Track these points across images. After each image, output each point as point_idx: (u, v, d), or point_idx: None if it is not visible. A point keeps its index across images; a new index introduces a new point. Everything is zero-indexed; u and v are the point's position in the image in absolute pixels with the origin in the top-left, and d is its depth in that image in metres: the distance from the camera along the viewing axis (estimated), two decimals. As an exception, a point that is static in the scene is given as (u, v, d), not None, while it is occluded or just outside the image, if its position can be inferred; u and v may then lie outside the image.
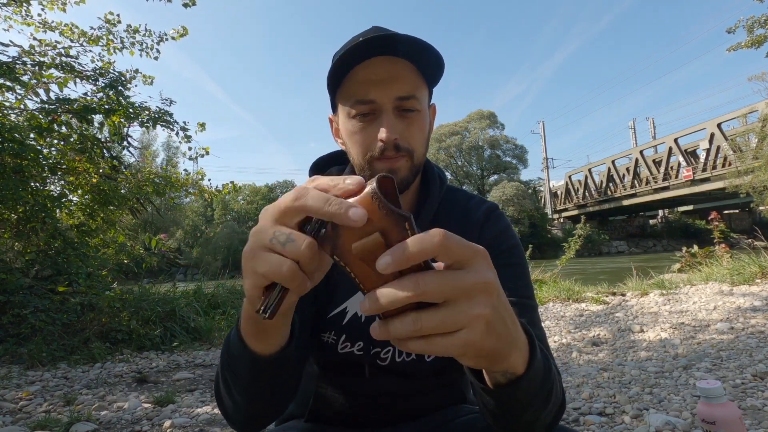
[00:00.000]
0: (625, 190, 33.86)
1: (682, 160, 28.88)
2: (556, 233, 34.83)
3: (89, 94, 4.40)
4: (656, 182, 30.61)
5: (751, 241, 5.98)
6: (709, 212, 7.14)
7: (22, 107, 4.09)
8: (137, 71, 4.80)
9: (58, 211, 4.34)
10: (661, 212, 39.61)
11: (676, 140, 28.96)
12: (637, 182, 32.93)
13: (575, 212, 37.94)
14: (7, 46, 4.03)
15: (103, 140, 4.67)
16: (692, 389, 2.01)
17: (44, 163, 4.09)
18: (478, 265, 0.34)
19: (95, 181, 4.49)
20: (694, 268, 5.48)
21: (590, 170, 38.27)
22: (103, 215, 4.77)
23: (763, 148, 16.78)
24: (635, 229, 37.69)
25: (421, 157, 0.71)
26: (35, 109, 4.04)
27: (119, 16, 4.63)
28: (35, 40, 4.40)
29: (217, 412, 2.13)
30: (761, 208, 20.35)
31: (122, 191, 4.74)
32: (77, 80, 4.35)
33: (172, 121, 4.68)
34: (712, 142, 25.83)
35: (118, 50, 4.74)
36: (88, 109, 4.11)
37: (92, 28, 4.62)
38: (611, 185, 35.47)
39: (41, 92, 3.95)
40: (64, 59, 4.36)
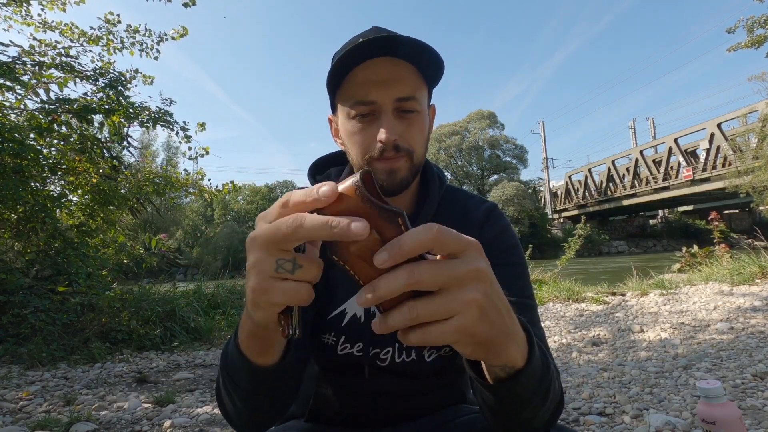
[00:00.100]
0: (625, 190, 33.85)
1: (682, 160, 28.88)
2: (556, 233, 34.83)
3: (89, 94, 4.40)
4: (656, 182, 30.61)
5: (751, 241, 5.98)
6: (709, 212, 7.14)
7: (22, 107, 4.09)
8: (137, 71, 4.80)
9: (58, 211, 4.34)
10: (661, 212, 39.61)
11: (676, 140, 28.96)
12: (637, 182, 32.93)
13: (575, 212, 37.94)
14: (7, 46, 4.03)
15: (103, 140, 4.66)
16: (692, 389, 2.01)
17: (44, 163, 4.09)
18: (470, 254, 0.35)
19: (95, 181, 4.49)
20: (694, 268, 5.48)
21: (590, 170, 38.27)
22: (103, 215, 4.77)
23: (763, 148, 16.78)
24: (635, 229, 37.70)
25: (420, 157, 0.71)
26: (35, 109, 4.04)
27: (119, 16, 4.64)
28: (35, 40, 4.41)
29: (217, 412, 2.13)
30: (761, 208, 20.34)
31: (122, 191, 4.74)
32: (77, 80, 4.35)
33: (172, 121, 4.68)
34: (712, 142, 25.84)
35: (118, 50, 4.74)
36: (88, 109, 4.11)
37: (92, 28, 4.62)
38: (611, 185, 35.47)
39: (41, 92, 3.95)
40: (64, 59, 4.36)
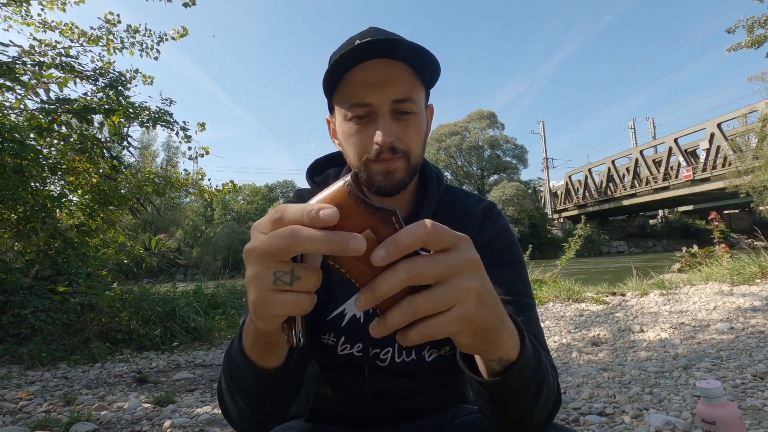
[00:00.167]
0: (625, 190, 33.85)
1: (682, 160, 28.88)
2: (556, 233, 34.83)
3: (89, 94, 4.40)
4: (656, 182, 30.61)
5: (751, 241, 5.98)
6: (709, 212, 7.13)
7: (22, 107, 4.09)
8: (137, 71, 4.81)
9: (58, 211, 4.34)
10: (661, 212, 39.61)
11: (676, 140, 28.96)
12: (637, 182, 32.93)
13: (575, 212, 37.94)
14: (7, 46, 4.03)
15: (103, 140, 4.67)
16: (692, 389, 2.01)
17: (44, 163, 4.09)
18: (462, 246, 0.36)
19: (95, 181, 4.49)
20: (694, 268, 5.48)
21: (590, 170, 38.27)
22: (103, 215, 4.77)
23: (763, 148, 16.77)
24: (635, 229, 37.70)
25: (417, 158, 0.71)
26: (35, 109, 4.04)
27: (119, 16, 4.64)
28: (35, 40, 4.41)
29: (217, 411, 2.13)
30: (761, 208, 20.33)
31: (122, 191, 4.74)
32: (77, 80, 4.35)
33: (172, 121, 4.68)
34: (712, 142, 25.83)
35: (118, 50, 4.74)
36: (88, 109, 4.11)
37: (92, 28, 4.62)
38: (611, 185, 35.47)
39: (41, 92, 3.95)
40: (64, 59, 4.37)
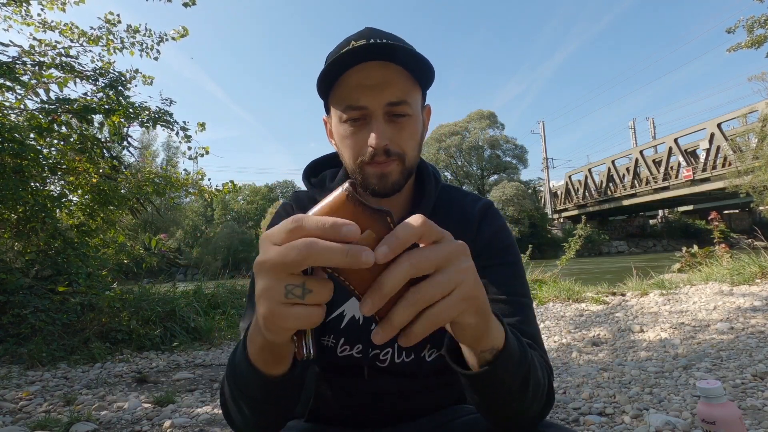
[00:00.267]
0: (625, 190, 33.85)
1: (682, 160, 28.88)
2: (556, 233, 34.84)
3: (89, 94, 4.40)
4: (656, 182, 30.61)
5: (751, 241, 5.98)
6: (709, 212, 7.13)
7: (22, 107, 4.09)
8: (137, 71, 4.80)
9: (58, 211, 4.34)
10: (661, 212, 39.61)
11: (676, 140, 28.96)
12: (637, 182, 32.93)
13: (575, 212, 37.95)
14: (7, 46, 4.03)
15: (103, 140, 4.66)
16: (692, 389, 2.01)
17: (44, 163, 4.09)
18: (449, 237, 0.39)
19: (95, 181, 4.49)
20: (694, 268, 5.48)
21: (590, 170, 38.27)
22: (103, 215, 4.77)
23: (763, 148, 16.78)
24: (635, 229, 37.71)
25: (412, 160, 0.70)
26: (35, 109, 4.04)
27: (119, 16, 4.63)
28: (35, 40, 4.40)
29: (217, 411, 2.13)
30: (761, 208, 20.33)
31: (122, 191, 4.74)
32: (77, 80, 4.35)
33: (172, 121, 4.68)
34: (712, 142, 25.84)
35: (118, 50, 4.74)
36: (88, 109, 4.11)
37: (92, 28, 4.62)
38: (611, 185, 35.47)
39: (41, 92, 3.95)
40: (64, 59, 4.36)
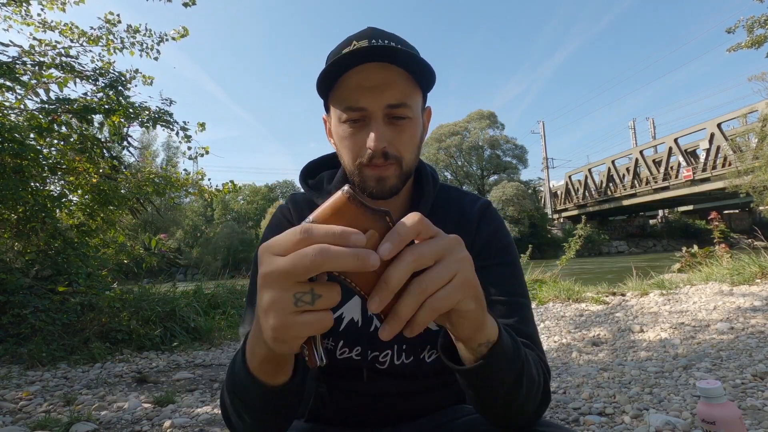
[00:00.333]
0: (625, 190, 33.84)
1: (682, 160, 28.87)
2: (556, 233, 34.84)
3: (89, 94, 4.39)
4: (656, 182, 30.60)
5: (751, 241, 5.97)
6: (709, 212, 7.12)
7: (22, 107, 4.09)
8: (137, 71, 4.80)
9: (58, 211, 4.33)
10: (661, 212, 39.60)
11: (676, 140, 28.95)
12: (637, 182, 32.92)
13: (575, 212, 37.94)
14: (7, 46, 4.02)
15: (103, 140, 4.66)
16: (692, 389, 2.01)
17: (44, 163, 4.08)
18: (443, 233, 0.41)
19: (95, 181, 4.49)
20: (694, 268, 5.47)
21: (590, 170, 38.25)
22: (103, 215, 4.76)
23: (763, 148, 16.77)
24: (635, 229, 37.70)
25: (410, 163, 0.70)
26: (35, 109, 4.03)
27: (119, 16, 4.63)
28: (35, 39, 4.40)
29: (217, 412, 2.13)
30: (761, 208, 20.32)
31: (122, 191, 4.74)
32: (77, 80, 4.35)
33: (172, 121, 4.68)
34: (712, 142, 25.83)
35: (118, 50, 4.74)
36: (88, 109, 4.11)
37: (92, 28, 4.62)
38: (611, 185, 35.46)
39: (41, 92, 3.95)
40: (64, 59, 4.36)
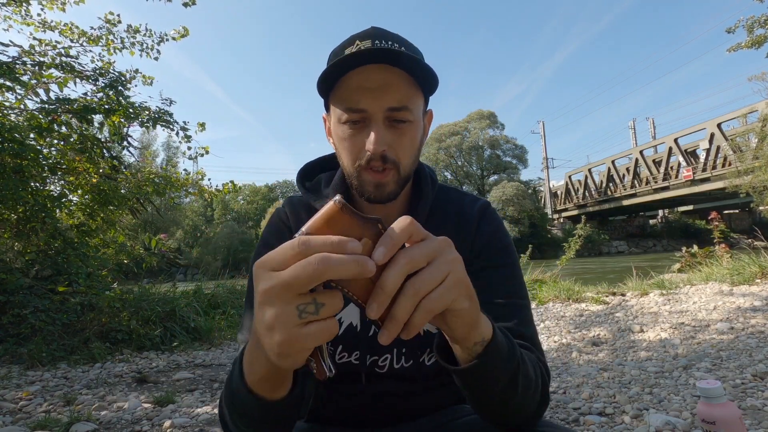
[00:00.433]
0: (625, 190, 33.83)
1: (682, 160, 28.86)
2: (556, 233, 34.83)
3: (89, 94, 4.40)
4: (656, 182, 30.60)
5: (751, 241, 5.97)
6: (709, 212, 7.12)
7: (22, 107, 4.09)
8: (137, 71, 4.80)
9: (58, 211, 4.33)
10: (661, 212, 39.59)
11: (676, 140, 28.95)
12: (637, 182, 32.91)
13: (575, 212, 37.93)
14: (7, 46, 4.03)
15: (103, 140, 4.66)
16: (692, 389, 2.01)
17: (44, 163, 4.08)
18: (432, 236, 0.42)
19: (95, 181, 4.49)
20: (694, 268, 5.47)
21: (590, 170, 38.24)
22: (103, 215, 4.76)
23: (763, 148, 16.76)
24: (635, 229, 37.69)
25: (408, 168, 0.69)
26: (35, 109, 4.03)
27: (119, 16, 4.63)
28: (35, 39, 4.40)
29: (216, 412, 2.13)
30: (761, 208, 20.32)
31: (122, 191, 4.74)
32: (77, 80, 4.35)
33: (172, 121, 4.68)
34: (712, 142, 25.82)
35: (118, 50, 4.74)
36: (88, 109, 4.11)
37: (92, 28, 4.62)
38: (611, 185, 35.45)
39: (41, 92, 3.95)
40: (64, 59, 4.36)
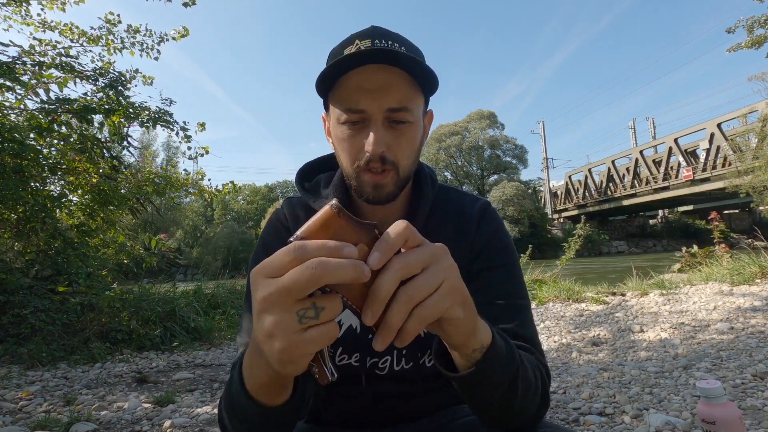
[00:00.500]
0: (625, 190, 33.83)
1: (682, 160, 28.87)
2: (556, 233, 34.84)
3: (89, 94, 4.39)
4: (656, 182, 30.60)
5: (751, 241, 5.96)
6: (709, 212, 7.12)
7: (22, 107, 4.09)
8: (137, 71, 4.80)
9: (58, 211, 4.33)
10: (661, 212, 39.59)
11: (676, 140, 28.95)
12: (637, 182, 32.91)
13: (575, 212, 37.93)
14: (7, 46, 4.03)
15: (103, 140, 4.66)
16: (692, 389, 2.01)
17: (44, 163, 4.08)
18: (428, 242, 0.42)
19: (95, 181, 4.49)
20: (694, 268, 5.47)
21: (590, 170, 38.25)
22: (103, 215, 4.76)
23: (763, 148, 16.77)
24: (635, 229, 37.69)
25: (407, 169, 0.69)
26: (35, 109, 4.03)
27: (119, 16, 4.63)
28: (35, 39, 4.40)
29: (216, 412, 2.13)
30: (761, 208, 20.32)
31: (122, 191, 4.74)
32: (77, 80, 4.35)
33: (172, 121, 4.68)
34: (712, 142, 25.82)
35: (118, 50, 4.74)
36: (88, 109, 4.11)
37: (92, 28, 4.62)
38: (611, 185, 35.45)
39: (41, 92, 3.95)
40: (64, 59, 4.36)
